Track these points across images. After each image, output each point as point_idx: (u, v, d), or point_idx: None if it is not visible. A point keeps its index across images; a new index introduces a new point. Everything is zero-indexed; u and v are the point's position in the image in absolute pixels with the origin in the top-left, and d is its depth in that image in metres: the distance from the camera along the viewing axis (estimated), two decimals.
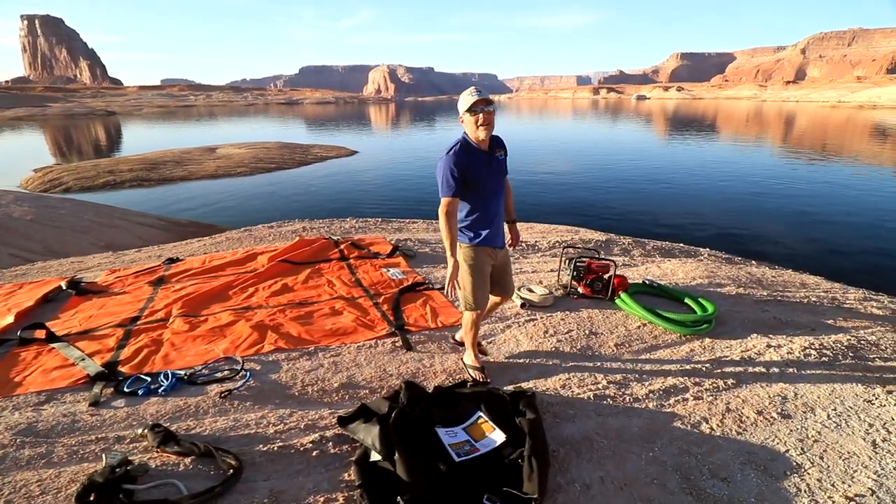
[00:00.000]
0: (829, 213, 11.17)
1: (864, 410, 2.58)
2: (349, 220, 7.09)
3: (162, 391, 2.47)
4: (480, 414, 2.21)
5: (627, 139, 30.68)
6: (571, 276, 3.92)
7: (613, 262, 3.90)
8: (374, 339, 3.12)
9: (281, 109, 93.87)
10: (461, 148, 2.35)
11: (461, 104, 2.35)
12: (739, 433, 2.35)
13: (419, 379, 2.70)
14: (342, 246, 5.01)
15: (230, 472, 1.86)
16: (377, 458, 1.91)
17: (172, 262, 4.80)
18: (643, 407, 2.52)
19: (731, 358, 3.06)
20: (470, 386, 2.49)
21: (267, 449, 2.04)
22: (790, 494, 1.99)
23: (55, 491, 1.79)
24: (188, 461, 1.94)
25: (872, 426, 2.45)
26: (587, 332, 3.33)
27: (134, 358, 2.83)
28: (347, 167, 18.92)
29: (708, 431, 2.35)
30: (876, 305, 4.32)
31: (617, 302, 3.72)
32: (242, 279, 4.11)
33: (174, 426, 2.17)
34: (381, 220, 7.18)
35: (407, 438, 1.99)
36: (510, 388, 2.54)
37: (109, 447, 2.02)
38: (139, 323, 3.31)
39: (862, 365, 3.06)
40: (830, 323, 3.79)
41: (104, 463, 1.78)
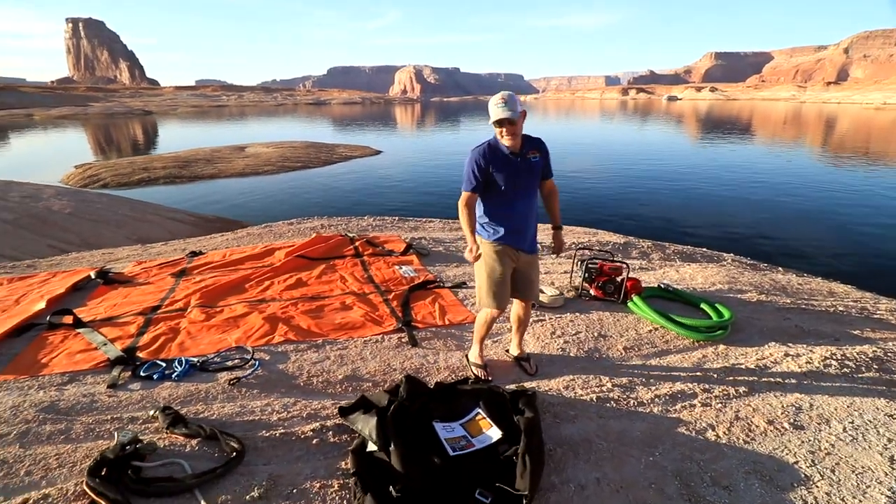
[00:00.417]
0: (869, 221, 10.62)
1: (884, 425, 2.46)
2: (367, 217, 7.20)
3: (175, 376, 2.58)
4: (479, 411, 2.22)
5: (655, 141, 29.97)
6: (583, 277, 3.88)
7: (626, 264, 3.84)
8: (381, 333, 3.18)
9: (309, 109, 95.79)
10: (489, 146, 2.40)
11: (490, 112, 2.33)
12: (747, 442, 2.29)
13: (422, 374, 2.73)
14: (357, 243, 5.10)
15: (233, 455, 1.94)
16: (374, 448, 1.95)
17: (195, 255, 4.98)
18: (647, 411, 2.47)
19: (745, 366, 2.97)
20: (471, 383, 2.51)
21: (269, 435, 2.11)
22: None
23: (71, 465, 1.90)
24: (194, 443, 2.03)
25: (892, 441, 2.34)
26: (596, 334, 3.29)
27: (152, 344, 2.96)
28: (370, 167, 19.17)
29: (713, 439, 2.29)
30: None
31: (629, 305, 3.66)
32: (259, 273, 4.24)
33: (184, 409, 2.27)
34: (398, 218, 7.25)
35: (404, 431, 2.02)
36: (512, 386, 2.54)
37: (123, 427, 2.13)
38: (159, 312, 3.46)
39: (886, 378, 2.92)
40: (857, 333, 3.63)
41: (116, 441, 1.88)
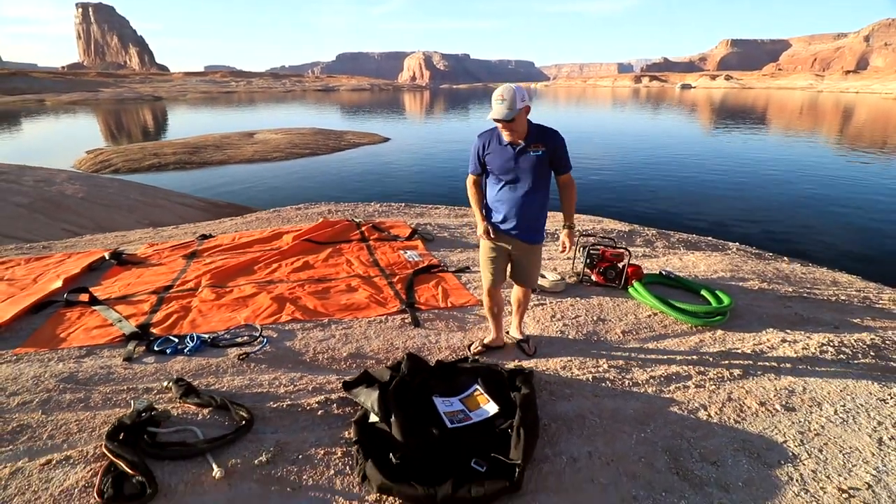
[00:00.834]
0: (884, 213, 10.45)
1: (875, 408, 2.50)
2: (373, 203, 7.27)
3: (187, 351, 2.70)
4: (477, 387, 2.31)
5: (666, 129, 29.56)
6: (585, 263, 3.92)
7: (628, 250, 3.88)
8: (384, 314, 3.27)
9: (318, 96, 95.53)
10: (491, 133, 2.49)
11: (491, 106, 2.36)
12: (738, 422, 2.35)
13: (424, 353, 2.81)
14: (363, 228, 5.18)
15: (242, 423, 2.04)
16: (375, 419, 2.04)
17: (205, 238, 5.10)
18: (642, 391, 2.54)
19: (741, 350, 3.02)
20: (470, 362, 2.59)
21: (277, 406, 2.22)
22: (780, 482, 1.99)
23: (90, 430, 2.02)
24: (206, 412, 2.14)
25: (882, 424, 2.38)
26: (595, 318, 3.35)
27: (165, 321, 3.08)
28: (378, 153, 19.19)
29: (705, 418, 2.36)
30: None
31: (629, 291, 3.71)
32: (267, 256, 4.34)
33: (196, 381, 2.38)
34: (404, 204, 7.32)
35: (405, 404, 2.11)
36: (510, 365, 2.62)
37: (138, 396, 2.25)
38: (171, 291, 3.57)
39: (882, 364, 2.96)
40: (857, 322, 3.65)
41: (132, 408, 1.99)
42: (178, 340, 2.80)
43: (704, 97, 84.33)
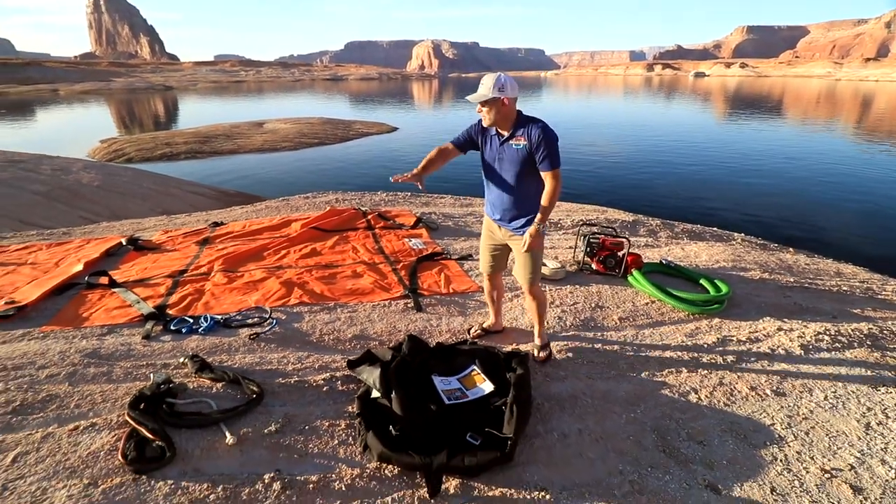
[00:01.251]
0: None
1: (866, 395, 2.57)
2: (380, 193, 7.37)
3: (201, 331, 2.85)
4: (474, 367, 2.42)
5: (677, 119, 29.15)
6: (585, 252, 4.00)
7: (627, 239, 3.94)
8: (388, 299, 3.38)
9: (326, 85, 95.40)
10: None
11: None
12: (727, 405, 2.43)
13: (425, 336, 2.92)
14: (369, 216, 5.29)
15: (253, 396, 2.18)
16: (377, 395, 2.16)
17: (217, 225, 5.25)
18: (634, 374, 2.63)
19: (736, 338, 3.09)
20: (469, 344, 2.70)
21: (285, 382, 2.36)
22: (764, 462, 2.08)
23: (113, 400, 2.17)
24: (219, 386, 2.29)
25: (871, 410, 2.45)
26: (593, 305, 3.43)
27: (180, 303, 3.24)
28: (386, 143, 19.24)
29: (695, 401, 2.44)
30: None
31: (629, 279, 3.78)
32: (276, 242, 4.47)
33: (210, 358, 2.53)
34: (410, 194, 7.40)
35: (405, 382, 2.23)
36: (508, 348, 2.72)
37: (157, 370, 2.39)
38: (186, 275, 3.72)
39: (877, 353, 3.00)
40: (856, 312, 3.69)
41: (152, 381, 2.14)
42: (192, 321, 2.95)
43: (718, 85, 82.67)
